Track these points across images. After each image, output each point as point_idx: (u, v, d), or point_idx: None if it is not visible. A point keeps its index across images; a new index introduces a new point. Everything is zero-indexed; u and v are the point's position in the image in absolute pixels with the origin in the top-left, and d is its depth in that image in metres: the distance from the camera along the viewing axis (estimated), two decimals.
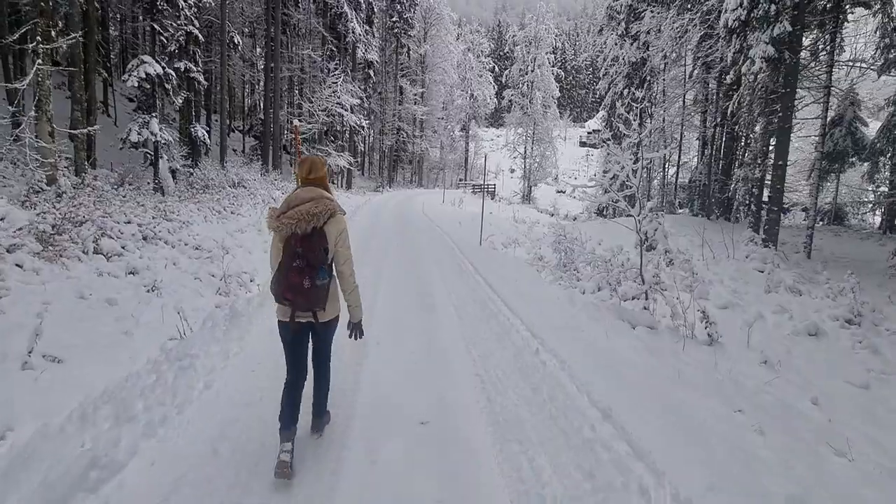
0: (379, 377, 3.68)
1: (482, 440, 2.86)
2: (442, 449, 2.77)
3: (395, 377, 3.69)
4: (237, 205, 10.93)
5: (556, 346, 4.37)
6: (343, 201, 18.11)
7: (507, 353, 4.29)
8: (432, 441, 2.85)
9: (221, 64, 17.09)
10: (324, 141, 23.18)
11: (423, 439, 2.86)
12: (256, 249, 8.34)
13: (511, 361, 4.08)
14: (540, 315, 5.49)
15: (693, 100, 17.09)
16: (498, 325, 5.07)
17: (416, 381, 3.67)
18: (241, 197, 12.72)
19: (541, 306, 5.94)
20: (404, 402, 3.30)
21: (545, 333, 4.72)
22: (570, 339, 4.69)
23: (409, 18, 32.88)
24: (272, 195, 13.79)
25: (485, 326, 5.01)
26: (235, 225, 9.20)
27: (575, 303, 6.26)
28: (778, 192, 9.43)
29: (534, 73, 32.21)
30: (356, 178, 32.40)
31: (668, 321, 5.54)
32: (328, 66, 21.53)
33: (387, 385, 3.55)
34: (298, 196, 2.48)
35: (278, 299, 2.47)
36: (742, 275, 8.22)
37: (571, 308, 6.02)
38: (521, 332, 4.80)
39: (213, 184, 13.22)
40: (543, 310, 5.76)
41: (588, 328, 5.14)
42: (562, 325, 5.15)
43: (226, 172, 14.17)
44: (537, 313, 5.55)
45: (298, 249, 2.39)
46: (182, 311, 4.94)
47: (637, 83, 18.26)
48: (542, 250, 12.98)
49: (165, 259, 6.50)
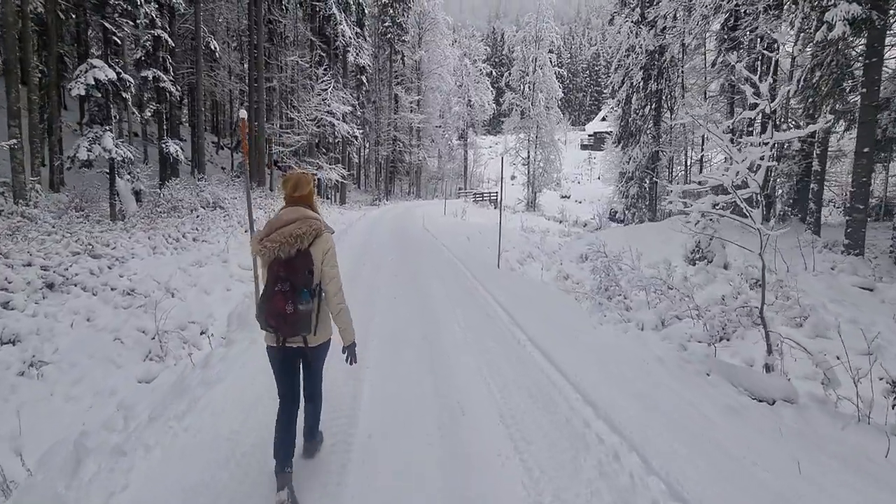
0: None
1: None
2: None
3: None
4: (204, 229, 9.15)
5: (667, 464, 2.55)
6: (335, 218, 16.34)
7: (585, 477, 2.47)
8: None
9: (196, 71, 15.45)
10: (315, 153, 21.51)
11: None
12: (217, 288, 6.54)
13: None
14: (608, 381, 3.67)
15: (720, 89, 15.35)
16: (554, 410, 3.24)
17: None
18: (215, 219, 10.97)
19: (603, 364, 4.11)
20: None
21: (633, 427, 2.90)
22: (681, 438, 2.86)
23: (403, 23, 31.34)
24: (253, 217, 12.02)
25: (534, 418, 3.18)
26: (194, 256, 7.41)
27: (648, 355, 4.41)
28: (863, 186, 7.63)
29: (535, 74, 30.59)
30: (351, 191, 30.71)
31: (810, 386, 3.67)
32: (316, 72, 19.90)
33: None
34: (282, 217, 2.37)
35: (263, 326, 2.36)
36: (841, 294, 6.38)
37: (643, 362, 4.18)
38: (594, 428, 2.97)
39: (183, 205, 11.48)
40: (609, 370, 3.94)
41: (688, 405, 3.31)
42: (651, 404, 3.32)
43: (199, 191, 12.43)
44: (603, 378, 3.73)
45: (282, 273, 2.28)
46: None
47: (655, 74, 16.56)
48: (566, 266, 11.16)
49: (75, 314, 4.70)
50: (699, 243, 8.19)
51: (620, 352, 4.52)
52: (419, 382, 3.72)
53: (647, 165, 17.54)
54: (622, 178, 18.96)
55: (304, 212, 2.40)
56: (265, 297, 2.30)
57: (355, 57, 22.64)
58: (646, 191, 18.06)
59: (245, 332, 4.65)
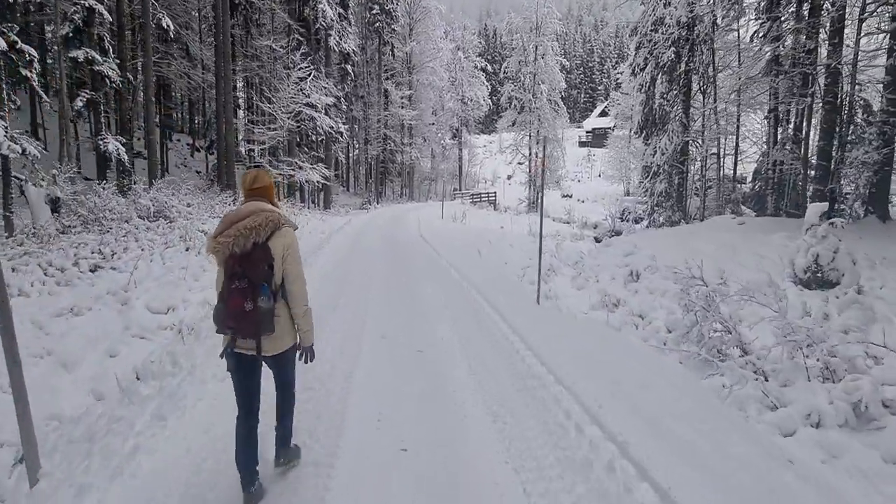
0: None
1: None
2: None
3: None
4: (120, 250, 6.60)
5: None
6: (313, 227, 13.76)
7: None
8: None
9: (145, 52, 12.85)
10: (295, 152, 18.93)
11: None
12: (91, 356, 4.01)
13: None
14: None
15: (766, 68, 12.98)
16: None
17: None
18: (150, 235, 8.41)
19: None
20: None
21: None
22: None
23: (392, 10, 28.78)
24: (203, 227, 9.47)
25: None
26: (75, 296, 4.85)
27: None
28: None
29: (537, 64, 28.14)
30: (339, 194, 28.12)
31: None
32: (293, 58, 17.34)
33: None
34: (238, 212, 2.25)
35: (221, 329, 2.24)
36: None
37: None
38: None
39: (109, 216, 8.91)
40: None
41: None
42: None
43: (137, 198, 9.86)
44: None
45: (238, 269, 2.16)
46: None
47: (687, 50, 14.17)
48: (605, 285, 8.69)
49: None
50: (817, 257, 5.77)
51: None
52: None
53: (676, 158, 15.15)
54: (646, 173, 16.56)
55: (261, 204, 2.28)
56: (221, 298, 2.20)
57: (338, 41, 20.10)
58: (674, 187, 15.66)
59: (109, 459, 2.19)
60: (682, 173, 15.48)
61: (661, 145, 15.07)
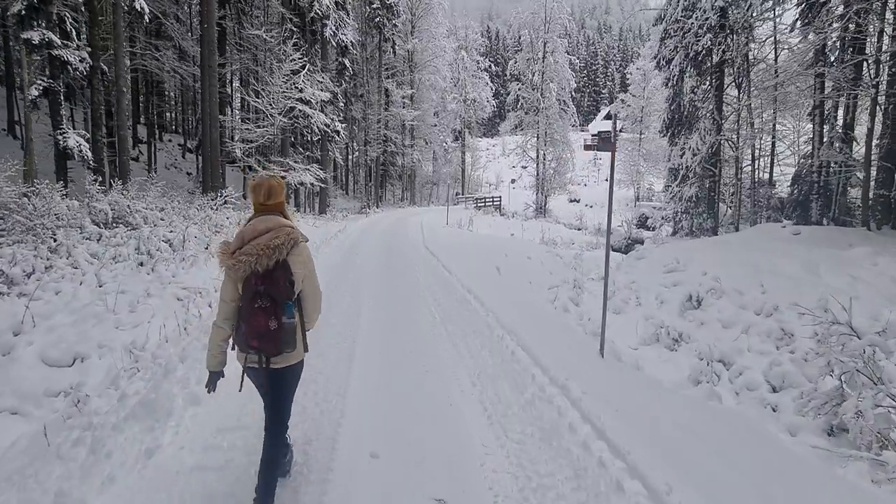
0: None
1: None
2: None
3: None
4: (45, 268, 5.08)
5: None
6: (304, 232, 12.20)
7: None
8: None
9: (115, 37, 11.38)
10: (288, 151, 17.44)
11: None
12: None
13: None
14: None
15: (812, 58, 11.49)
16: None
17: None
18: (101, 245, 6.90)
19: None
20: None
21: None
22: None
23: (393, 5, 27.34)
24: (169, 235, 7.93)
25: None
26: None
27: None
28: None
29: (545, 62, 26.69)
30: (337, 198, 26.62)
31: None
32: (286, 49, 15.88)
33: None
34: (255, 228, 2.18)
35: (243, 349, 2.17)
36: None
37: None
38: None
39: (59, 223, 7.38)
40: None
41: None
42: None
43: (91, 201, 8.35)
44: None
45: (260, 288, 2.09)
46: None
47: (722, 40, 12.69)
48: (652, 311, 7.14)
49: None
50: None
51: None
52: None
53: (707, 160, 13.66)
54: (673, 176, 15.05)
55: (278, 220, 2.23)
56: (244, 317, 2.12)
57: (335, 32, 18.64)
58: (705, 192, 14.17)
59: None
60: (713, 176, 14.00)
61: (691, 145, 13.59)
